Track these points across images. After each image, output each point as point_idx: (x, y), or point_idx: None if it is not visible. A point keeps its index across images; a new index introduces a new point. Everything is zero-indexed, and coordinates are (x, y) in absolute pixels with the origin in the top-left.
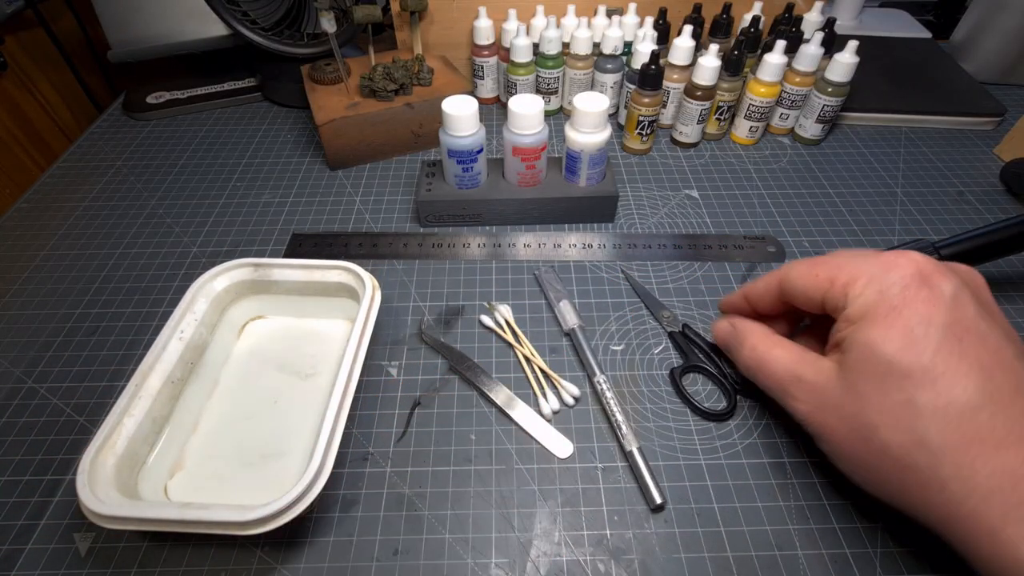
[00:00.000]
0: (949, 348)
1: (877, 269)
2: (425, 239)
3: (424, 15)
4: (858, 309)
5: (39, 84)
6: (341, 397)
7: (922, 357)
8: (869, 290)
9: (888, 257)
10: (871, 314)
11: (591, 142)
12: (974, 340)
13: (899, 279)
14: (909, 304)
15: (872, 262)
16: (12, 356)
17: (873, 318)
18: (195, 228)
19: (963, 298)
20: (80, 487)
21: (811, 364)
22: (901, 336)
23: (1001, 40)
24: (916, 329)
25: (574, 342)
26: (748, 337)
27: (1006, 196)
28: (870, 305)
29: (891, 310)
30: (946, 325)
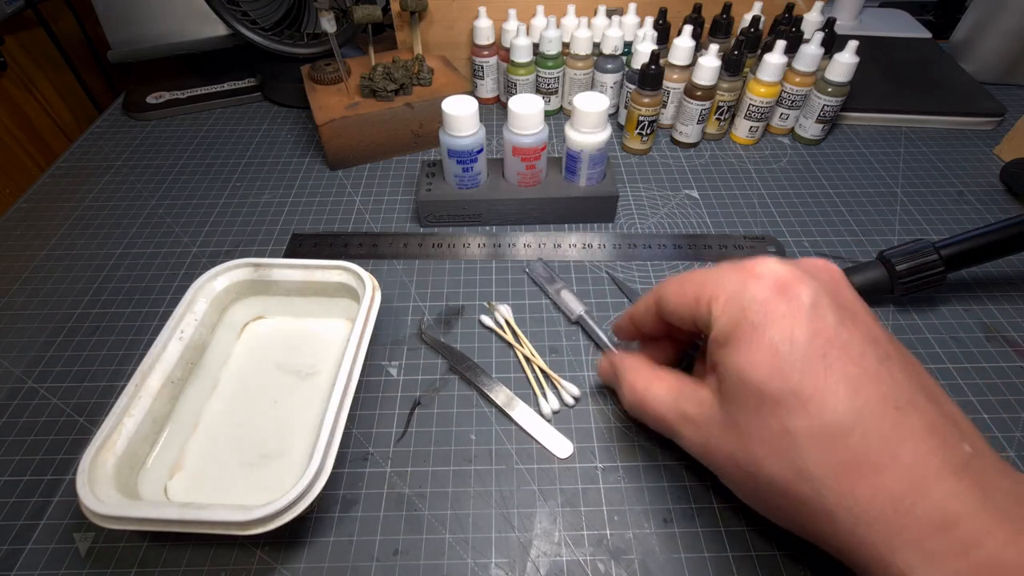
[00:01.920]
0: (814, 367)
1: (735, 284)
2: (425, 239)
3: (424, 15)
4: (722, 330)
5: (39, 84)
6: (341, 397)
7: (790, 381)
8: (730, 308)
9: (747, 268)
10: (735, 336)
11: (591, 142)
12: (837, 352)
13: (758, 293)
14: (770, 321)
15: (731, 276)
16: (12, 356)
17: (738, 340)
18: (195, 228)
19: (822, 305)
20: (80, 487)
21: (692, 398)
22: (767, 359)
23: (1001, 40)
24: (780, 349)
25: (584, 328)
26: (626, 375)
27: (1006, 196)
28: (733, 325)
29: (753, 329)
30: (808, 340)
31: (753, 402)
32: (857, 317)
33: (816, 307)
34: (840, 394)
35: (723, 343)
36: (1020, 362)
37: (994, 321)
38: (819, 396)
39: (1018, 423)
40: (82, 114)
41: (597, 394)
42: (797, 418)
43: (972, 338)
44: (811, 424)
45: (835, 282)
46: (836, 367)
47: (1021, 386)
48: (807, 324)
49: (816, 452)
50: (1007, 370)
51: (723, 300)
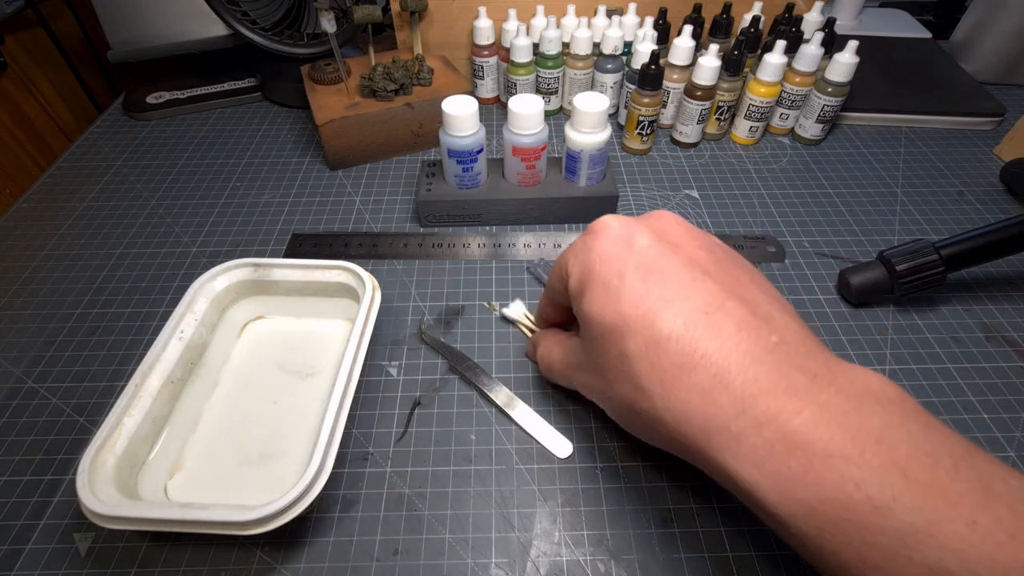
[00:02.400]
0: (637, 292)
1: (580, 245)
2: (425, 239)
3: (424, 15)
4: (575, 286)
5: (39, 84)
6: (341, 397)
7: (619, 307)
8: (577, 264)
9: (589, 229)
10: (583, 285)
11: (591, 142)
12: (656, 277)
13: (595, 246)
14: (603, 264)
15: (578, 241)
16: (12, 356)
17: (584, 288)
18: (195, 228)
19: (648, 244)
20: (80, 487)
21: (573, 349)
22: (601, 295)
23: (1001, 40)
24: (611, 284)
25: None
26: (539, 346)
27: (1006, 196)
28: (580, 278)
29: (591, 275)
30: (632, 272)
31: (599, 336)
32: (680, 247)
33: (643, 246)
34: (657, 310)
35: (577, 295)
36: (1020, 362)
37: (994, 321)
38: (641, 316)
39: (1018, 423)
40: (82, 114)
41: None
42: (628, 340)
43: (972, 338)
44: (638, 342)
45: (663, 222)
46: (654, 290)
47: (1021, 386)
48: (633, 260)
49: (645, 365)
50: (1007, 370)
51: (572, 260)
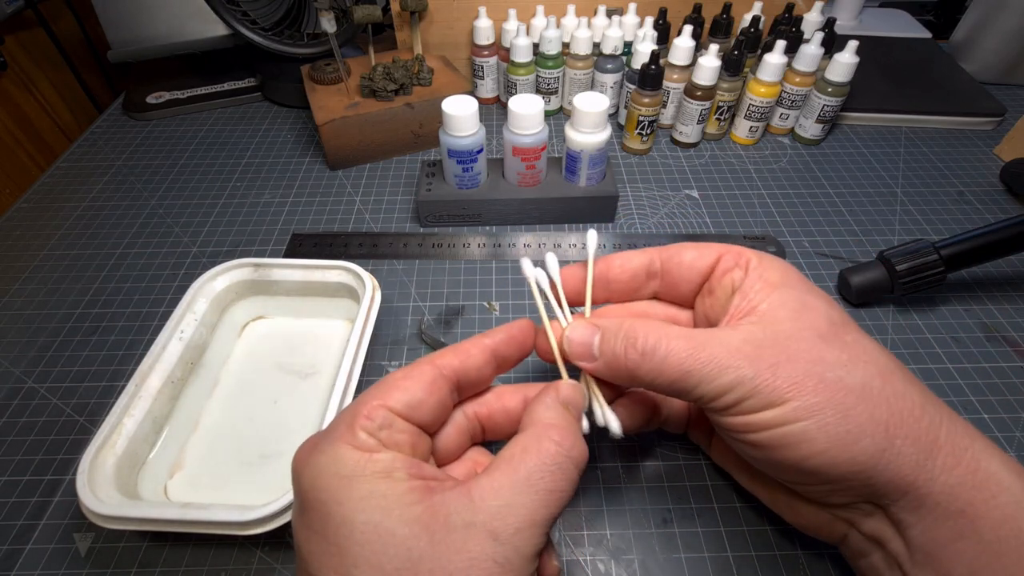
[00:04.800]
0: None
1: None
2: (425, 239)
3: (424, 15)
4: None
5: (39, 84)
6: (341, 397)
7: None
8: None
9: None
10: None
11: (591, 142)
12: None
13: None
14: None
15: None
16: (12, 356)
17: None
18: (195, 228)
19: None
20: (80, 487)
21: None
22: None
23: (1001, 40)
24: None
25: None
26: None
27: (1006, 196)
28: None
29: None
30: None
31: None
32: None
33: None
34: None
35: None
36: (1020, 362)
37: (994, 321)
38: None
39: (1018, 423)
40: (82, 114)
41: None
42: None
43: (972, 338)
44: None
45: None
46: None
47: (1021, 386)
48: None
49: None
50: (1007, 370)
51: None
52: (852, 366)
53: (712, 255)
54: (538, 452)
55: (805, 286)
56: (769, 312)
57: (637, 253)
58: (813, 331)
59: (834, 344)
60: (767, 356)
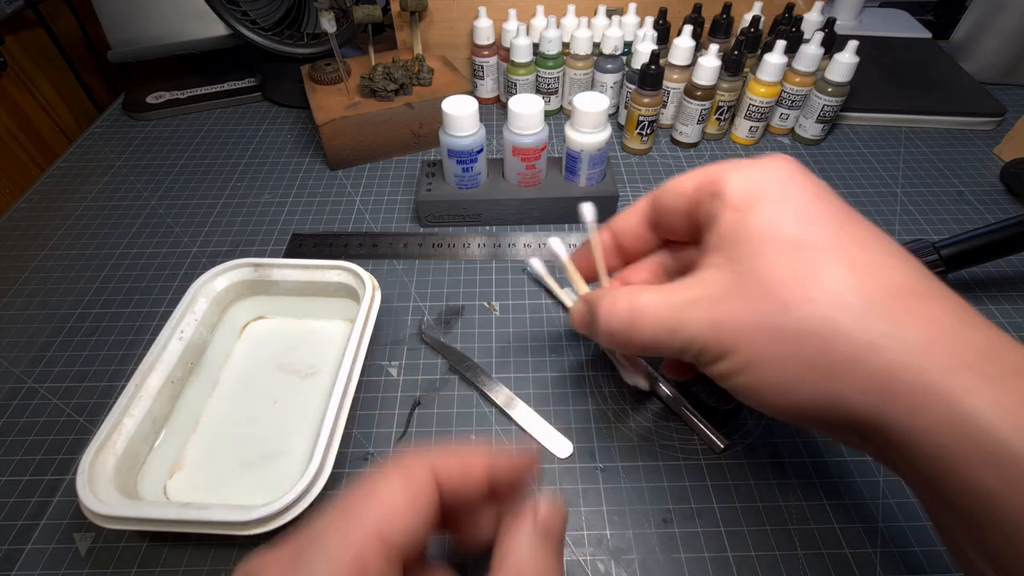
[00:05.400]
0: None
1: (751, 166)
2: (425, 239)
3: (424, 15)
4: (741, 197)
5: (39, 84)
6: (341, 397)
7: (825, 225)
8: (747, 177)
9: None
10: (758, 199)
11: (591, 142)
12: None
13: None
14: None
15: (743, 163)
16: (12, 356)
17: (761, 203)
18: (195, 228)
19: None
20: (80, 487)
21: (690, 283)
22: (801, 212)
23: (1001, 40)
24: (812, 207)
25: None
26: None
27: (1006, 196)
28: (752, 190)
29: (780, 191)
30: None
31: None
32: None
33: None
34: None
35: (740, 207)
36: None
37: (994, 321)
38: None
39: None
40: (82, 114)
41: (597, 394)
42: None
43: None
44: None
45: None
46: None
47: None
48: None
49: (860, 283)
50: None
51: (738, 174)
52: (796, 306)
53: (689, 184)
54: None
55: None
56: (728, 250)
57: (633, 207)
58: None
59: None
60: (712, 311)
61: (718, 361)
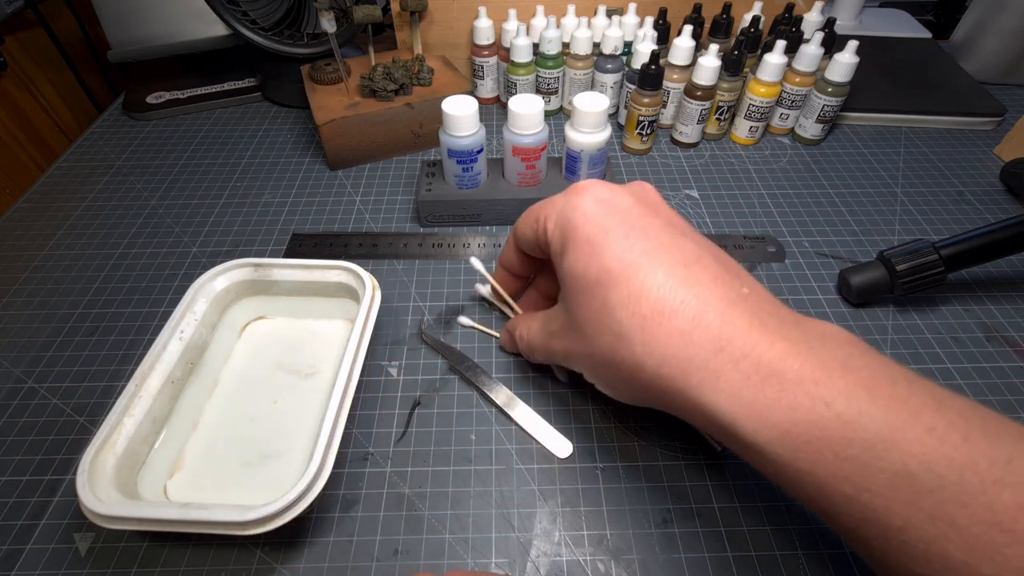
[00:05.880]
0: (620, 246)
1: (562, 203)
2: (425, 239)
3: (424, 15)
4: (556, 243)
5: (39, 84)
6: (341, 397)
7: (603, 261)
8: (560, 221)
9: (571, 189)
10: (564, 243)
11: (591, 142)
12: (639, 233)
13: (579, 204)
14: (588, 221)
15: (559, 198)
16: (12, 356)
17: (566, 246)
18: (195, 228)
19: (634, 207)
20: (80, 487)
21: (552, 318)
22: (584, 250)
23: (1001, 40)
24: (595, 239)
25: None
26: (515, 332)
27: (1006, 196)
28: (562, 236)
29: (575, 231)
30: (616, 228)
31: (581, 291)
32: (660, 211)
33: (629, 209)
34: (640, 262)
35: (559, 253)
36: (1020, 362)
37: (994, 321)
38: (625, 268)
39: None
40: (82, 114)
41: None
42: (611, 292)
43: (972, 338)
44: (620, 293)
45: (644, 190)
46: (637, 243)
47: (1021, 386)
48: (616, 217)
49: (626, 314)
50: (1007, 370)
51: (554, 217)
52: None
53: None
54: None
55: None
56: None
57: (507, 241)
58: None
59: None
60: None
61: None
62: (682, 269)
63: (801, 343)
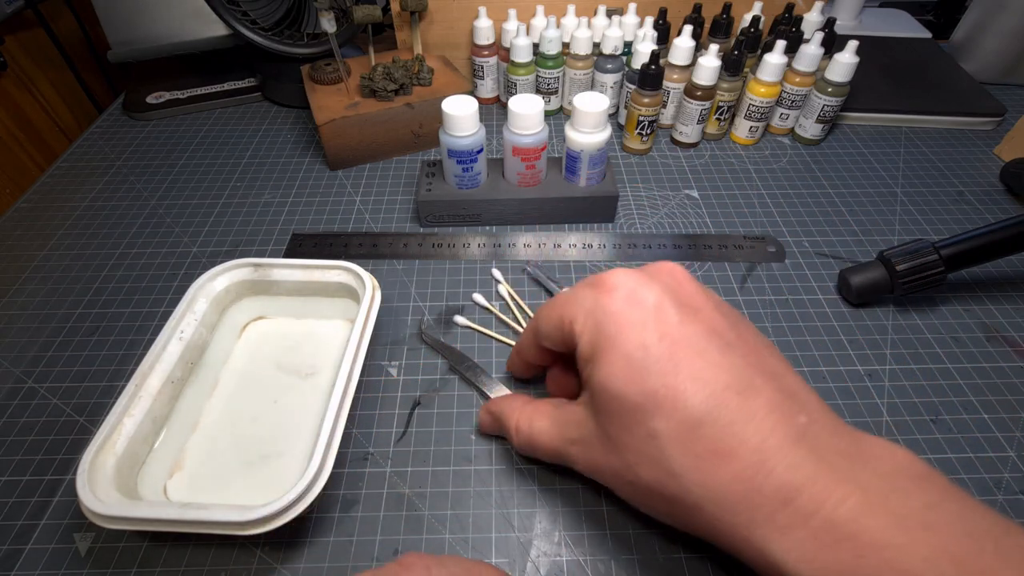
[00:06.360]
0: (664, 367)
1: (590, 301)
2: (425, 239)
3: (424, 15)
4: (585, 347)
5: (39, 84)
6: (341, 397)
7: (645, 385)
8: (588, 324)
9: (598, 283)
10: (596, 351)
11: (591, 142)
12: (684, 351)
13: (609, 305)
14: (622, 331)
15: (586, 294)
16: (12, 356)
17: (598, 355)
18: (195, 228)
19: (665, 306)
20: (80, 487)
21: (571, 422)
22: (624, 368)
23: (1001, 40)
24: (634, 356)
25: None
26: (509, 420)
27: (1006, 196)
28: (592, 341)
29: (609, 342)
30: (657, 344)
31: (618, 412)
32: (700, 312)
33: (660, 309)
34: (689, 390)
35: (588, 359)
36: (1020, 362)
37: (994, 321)
38: (672, 395)
39: (1018, 423)
40: (82, 114)
41: None
42: (657, 420)
43: (972, 338)
44: (669, 424)
45: (676, 281)
46: (683, 365)
47: (1021, 386)
48: (654, 328)
49: (677, 450)
50: (1007, 370)
51: (581, 318)
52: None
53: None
54: None
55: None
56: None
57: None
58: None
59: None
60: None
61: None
62: (735, 398)
63: (874, 492)
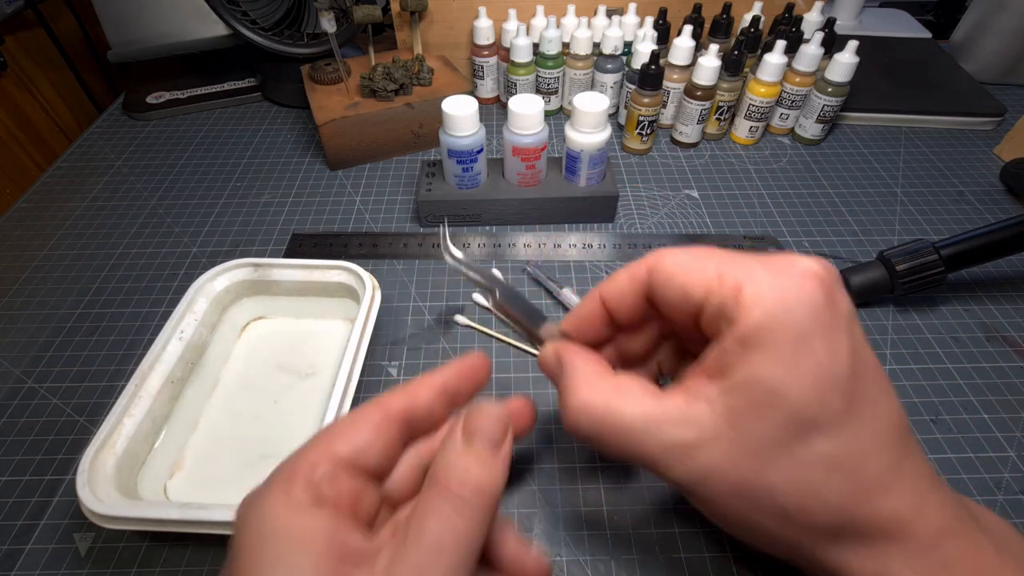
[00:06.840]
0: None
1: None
2: (425, 239)
3: (424, 15)
4: (753, 328)
5: (39, 84)
6: (341, 397)
7: (833, 404)
8: (769, 303)
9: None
10: (771, 340)
11: (591, 142)
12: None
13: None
14: (819, 333)
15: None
16: (12, 356)
17: (774, 346)
18: (195, 228)
19: (856, 321)
20: (80, 487)
21: (680, 419)
22: (812, 377)
23: (1001, 40)
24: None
25: None
26: (575, 382)
27: (1006, 196)
28: (769, 326)
29: (800, 339)
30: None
31: (784, 423)
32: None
33: (853, 322)
34: (867, 422)
35: (751, 344)
36: (1020, 362)
37: (994, 321)
38: (853, 425)
39: (1018, 423)
40: (82, 114)
41: None
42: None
43: (972, 338)
44: (839, 451)
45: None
46: (870, 391)
47: (1021, 386)
48: (849, 343)
49: (839, 481)
50: (1007, 370)
51: (759, 292)
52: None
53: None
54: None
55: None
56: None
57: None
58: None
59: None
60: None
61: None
62: (897, 435)
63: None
